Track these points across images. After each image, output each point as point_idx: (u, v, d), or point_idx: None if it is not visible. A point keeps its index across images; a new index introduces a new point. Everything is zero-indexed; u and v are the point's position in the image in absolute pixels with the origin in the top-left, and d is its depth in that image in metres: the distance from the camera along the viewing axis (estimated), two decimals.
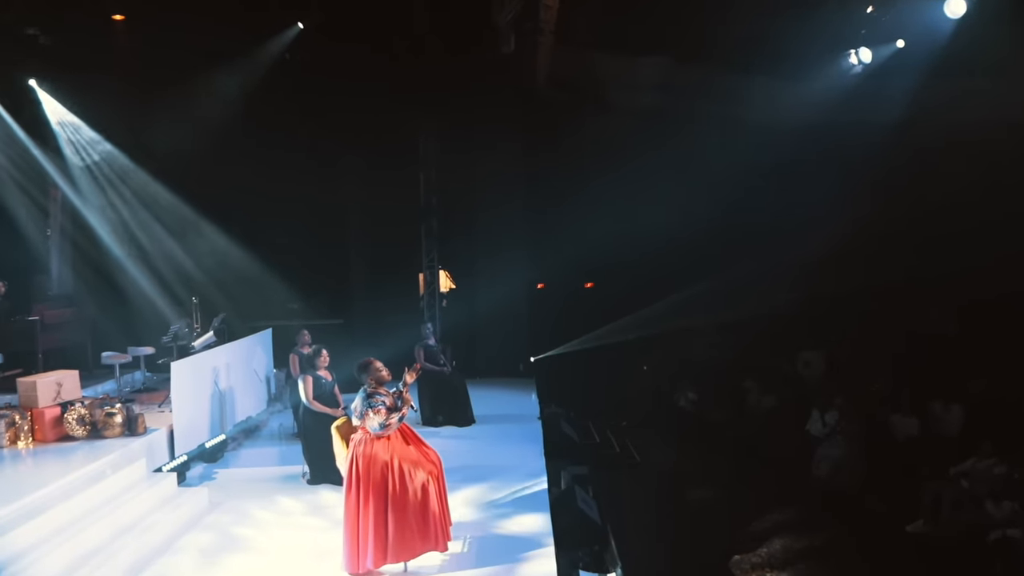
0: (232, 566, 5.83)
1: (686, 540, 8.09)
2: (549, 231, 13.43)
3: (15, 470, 6.98)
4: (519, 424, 9.98)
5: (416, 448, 5.67)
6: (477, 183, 13.30)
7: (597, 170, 12.70)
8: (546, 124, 12.99)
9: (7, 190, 11.50)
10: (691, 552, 7.85)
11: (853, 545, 8.03)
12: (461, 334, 13.11)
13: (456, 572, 5.60)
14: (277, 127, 11.77)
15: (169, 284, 11.97)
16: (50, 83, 11.57)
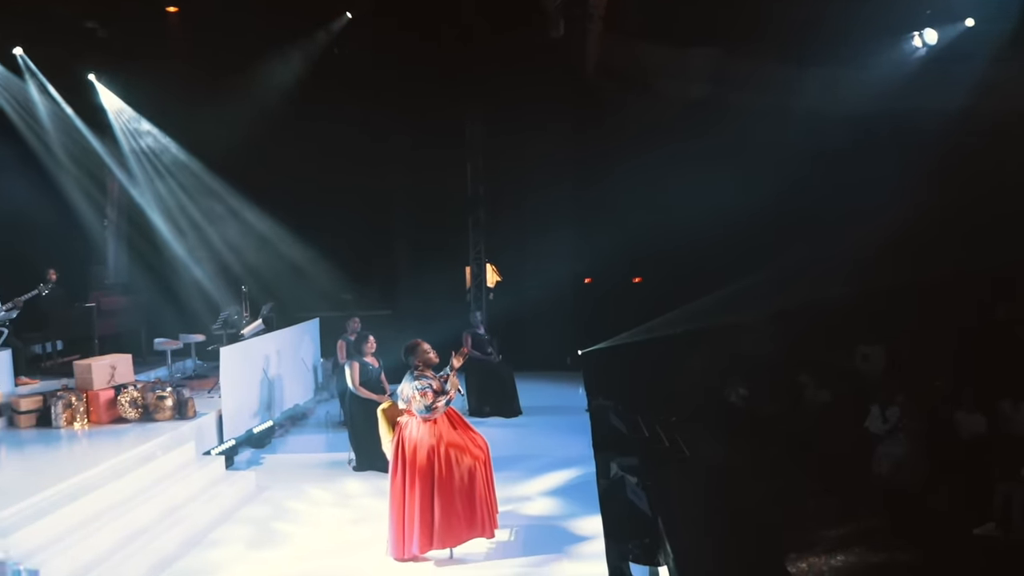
0: (278, 549, 5.80)
1: (738, 536, 7.87)
2: (597, 221, 13.24)
3: (70, 450, 7.10)
4: (566, 416, 9.82)
5: (463, 433, 5.55)
6: (524, 173, 13.15)
7: (647, 158, 12.44)
8: (595, 111, 12.80)
9: (68, 181, 11.79)
10: (743, 548, 7.63)
11: (915, 545, 7.72)
12: (507, 327, 13.01)
13: (503, 560, 5.47)
14: (326, 118, 11.83)
15: (220, 272, 12.12)
16: (108, 76, 11.83)
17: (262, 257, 12.22)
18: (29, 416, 7.87)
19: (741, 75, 12.05)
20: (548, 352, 12.92)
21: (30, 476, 6.26)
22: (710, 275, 12.47)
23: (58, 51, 11.14)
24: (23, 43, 11.23)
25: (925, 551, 7.51)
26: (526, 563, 5.40)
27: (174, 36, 11.15)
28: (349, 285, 12.52)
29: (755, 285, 12.03)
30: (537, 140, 12.70)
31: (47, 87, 11.56)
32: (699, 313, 12.54)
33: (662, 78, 12.51)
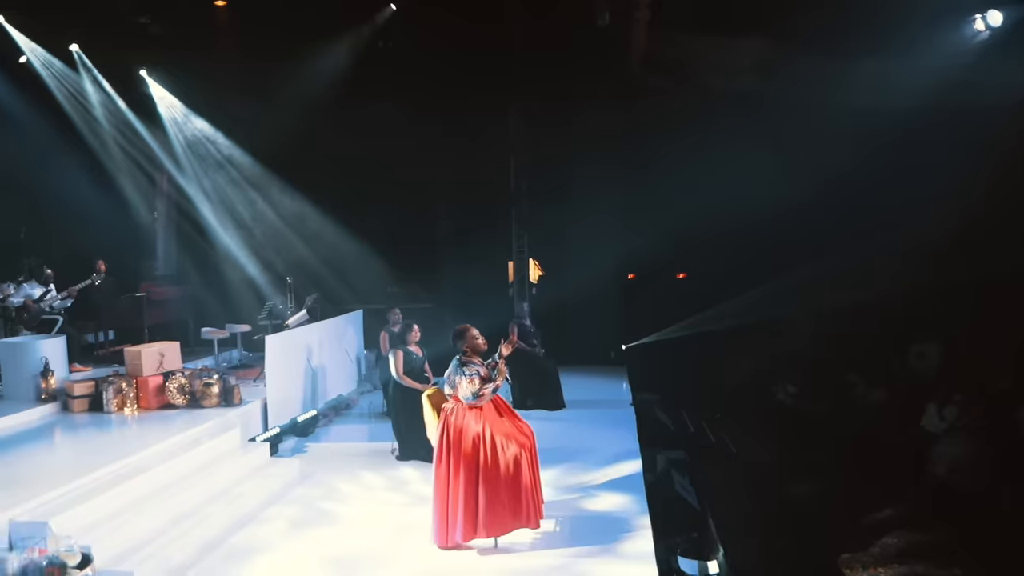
0: (321, 534, 5.79)
1: (787, 534, 7.65)
2: (641, 215, 13.03)
3: (121, 433, 7.21)
4: (610, 410, 9.69)
5: (509, 420, 5.47)
6: (567, 166, 13.03)
7: (693, 151, 12.22)
8: (640, 103, 12.60)
9: (120, 174, 12.06)
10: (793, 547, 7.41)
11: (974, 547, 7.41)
12: (550, 321, 12.91)
13: (548, 550, 5.37)
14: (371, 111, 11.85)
15: (267, 264, 12.25)
16: (158, 71, 12.05)
17: (308, 249, 12.32)
18: (82, 401, 8.04)
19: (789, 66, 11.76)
20: (591, 346, 12.78)
21: (83, 457, 6.39)
22: (757, 269, 12.18)
23: (111, 46, 11.38)
24: (79, 39, 11.51)
25: (983, 552, 7.20)
26: (572, 554, 5.29)
27: (222, 30, 11.28)
28: (393, 278, 12.55)
29: (803, 280, 11.72)
30: (581, 133, 12.55)
31: (101, 82, 11.84)
32: (745, 308, 12.26)
33: (709, 69, 12.28)
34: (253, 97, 11.17)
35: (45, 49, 11.46)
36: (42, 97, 11.73)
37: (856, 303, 11.52)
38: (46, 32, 11.19)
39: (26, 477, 5.78)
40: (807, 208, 11.52)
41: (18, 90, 11.53)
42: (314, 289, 11.07)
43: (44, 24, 11.01)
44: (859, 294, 11.44)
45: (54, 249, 11.01)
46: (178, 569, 5.18)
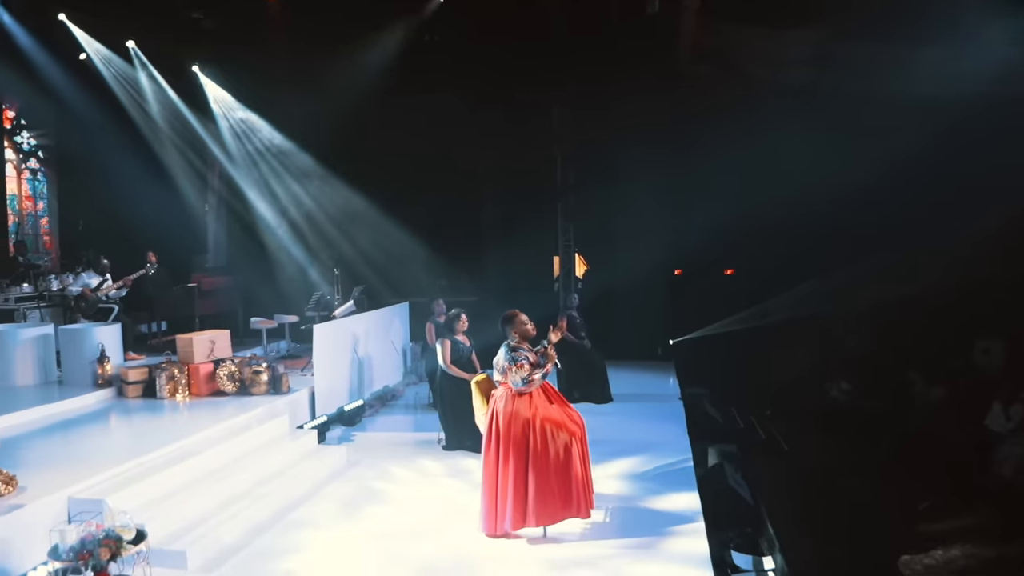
0: (369, 521, 5.77)
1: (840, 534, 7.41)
2: (689, 206, 12.81)
3: (173, 418, 7.31)
4: (658, 404, 9.55)
5: (559, 408, 5.37)
6: (613, 159, 12.87)
7: (742, 144, 11.97)
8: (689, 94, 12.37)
9: (175, 167, 12.30)
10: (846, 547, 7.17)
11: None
12: (596, 316, 12.75)
13: (599, 540, 5.26)
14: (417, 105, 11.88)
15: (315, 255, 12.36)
16: (211, 65, 12.25)
17: (356, 240, 12.40)
18: (136, 387, 8.20)
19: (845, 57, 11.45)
20: (637, 341, 12.62)
21: (137, 440, 6.51)
22: (807, 263, 11.88)
23: (165, 42, 11.61)
24: (135, 35, 11.76)
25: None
26: (623, 545, 5.17)
27: (272, 23, 11.40)
28: (440, 271, 12.56)
29: (858, 274, 11.38)
30: (628, 124, 12.38)
31: (156, 77, 12.08)
32: (795, 303, 11.96)
33: (760, 58, 12.01)
34: (302, 89, 11.28)
35: (104, 45, 11.73)
36: (101, 93, 12.04)
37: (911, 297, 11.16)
38: (105, 29, 11.47)
39: (84, 458, 5.89)
40: (862, 200, 11.21)
41: (79, 86, 11.85)
42: (361, 280, 11.12)
43: (103, 21, 11.28)
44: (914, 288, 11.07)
45: (111, 240, 11.27)
46: (228, 550, 5.20)
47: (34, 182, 13.44)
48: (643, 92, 12.08)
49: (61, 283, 10.36)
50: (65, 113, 12.76)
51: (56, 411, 7.52)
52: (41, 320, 9.88)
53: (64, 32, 11.23)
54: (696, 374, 11.20)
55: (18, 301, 10.00)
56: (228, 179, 12.79)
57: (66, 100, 12.21)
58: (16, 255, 11.44)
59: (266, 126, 12.48)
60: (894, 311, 11.52)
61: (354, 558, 5.07)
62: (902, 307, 11.37)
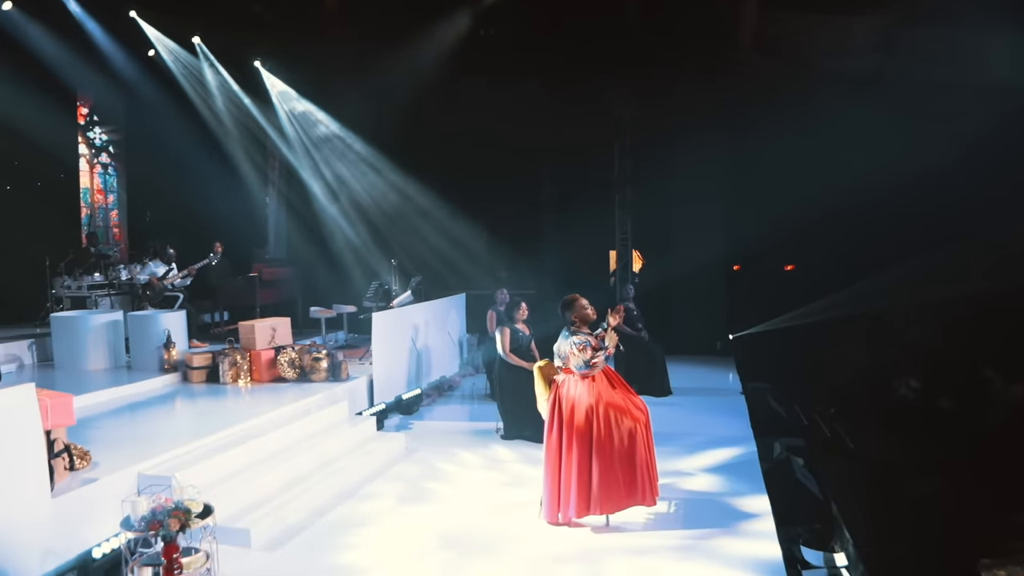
0: (429, 506, 5.74)
1: (910, 535, 7.11)
2: (748, 204, 12.50)
3: (235, 403, 7.42)
4: (719, 397, 9.34)
5: (623, 394, 5.25)
6: (672, 152, 12.63)
7: (804, 137, 11.62)
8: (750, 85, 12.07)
9: (238, 159, 12.55)
10: (920, 548, 6.87)
11: None
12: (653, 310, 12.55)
13: (664, 530, 5.13)
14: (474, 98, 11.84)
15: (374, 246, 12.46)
16: (272, 59, 12.45)
17: (416, 232, 12.46)
18: (200, 372, 8.37)
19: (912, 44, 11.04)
20: (695, 336, 12.39)
21: (202, 423, 6.60)
22: (869, 256, 11.48)
23: (228, 37, 11.84)
24: (200, 31, 12.03)
25: None
26: (689, 535, 5.02)
27: (331, 15, 11.52)
28: (499, 263, 12.53)
29: (921, 267, 10.93)
30: (686, 115, 12.17)
31: (220, 71, 12.33)
32: (857, 297, 11.57)
33: (823, 47, 11.66)
34: (361, 80, 11.35)
35: (172, 40, 12.03)
36: (169, 88, 12.36)
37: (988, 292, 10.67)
38: (172, 25, 11.76)
39: (152, 437, 6.02)
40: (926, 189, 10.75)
41: (148, 82, 12.18)
42: (420, 271, 11.16)
43: (171, 17, 11.56)
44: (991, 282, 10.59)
45: (176, 232, 11.54)
46: (291, 529, 5.24)
47: (105, 176, 13.88)
48: (702, 82, 11.84)
49: (129, 272, 10.65)
50: (134, 109, 13.16)
51: (125, 393, 7.72)
52: (111, 307, 10.17)
53: (134, 28, 11.53)
54: (757, 369, 10.93)
55: (90, 289, 10.32)
56: (288, 171, 12.98)
57: (136, 96, 12.60)
58: (88, 246, 11.83)
59: (326, 118, 12.63)
60: (959, 306, 11.05)
61: (415, 542, 5.04)
62: (967, 303, 10.90)
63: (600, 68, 12.04)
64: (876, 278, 11.38)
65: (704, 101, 12.06)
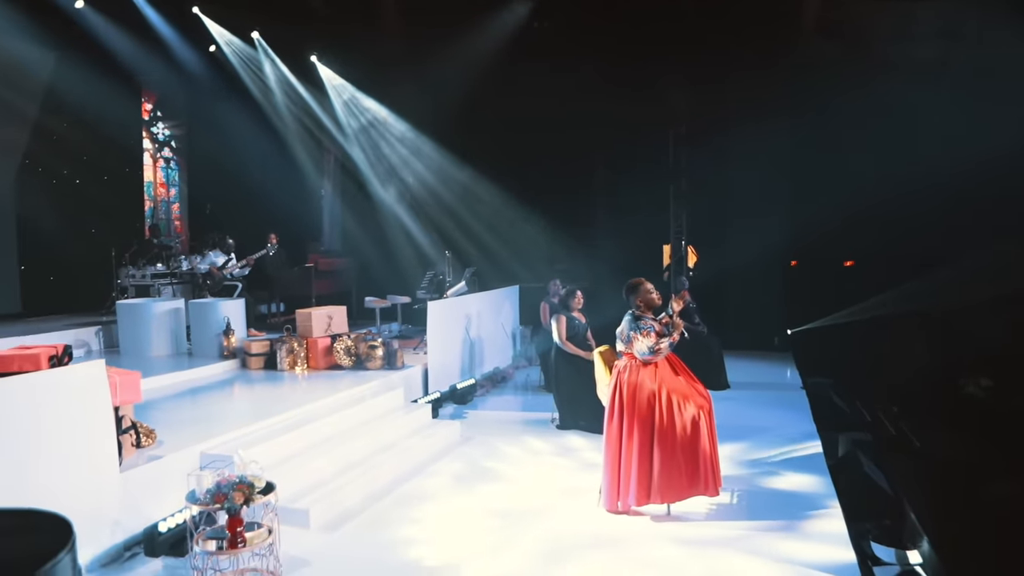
0: (485, 491, 5.70)
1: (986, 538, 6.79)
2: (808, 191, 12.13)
3: (293, 388, 7.50)
4: (778, 392, 9.11)
5: (686, 380, 5.11)
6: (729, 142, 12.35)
7: (866, 127, 11.25)
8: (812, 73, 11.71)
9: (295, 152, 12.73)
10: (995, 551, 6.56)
11: None
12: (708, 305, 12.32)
13: (727, 521, 4.98)
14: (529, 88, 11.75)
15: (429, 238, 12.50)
16: (329, 53, 12.59)
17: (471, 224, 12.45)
18: (258, 359, 8.50)
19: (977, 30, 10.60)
20: (752, 331, 12.11)
21: (260, 406, 6.69)
22: (936, 249, 11.05)
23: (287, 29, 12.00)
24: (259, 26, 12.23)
25: None
26: (755, 527, 4.86)
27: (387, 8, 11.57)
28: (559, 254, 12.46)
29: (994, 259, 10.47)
30: (744, 103, 11.87)
31: (279, 65, 12.52)
32: (923, 291, 11.15)
33: (889, 34, 11.27)
34: (417, 71, 11.39)
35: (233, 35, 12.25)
36: (229, 83, 12.60)
37: None
38: (233, 20, 11.98)
39: (212, 419, 6.13)
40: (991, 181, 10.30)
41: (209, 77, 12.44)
42: (473, 262, 11.15)
43: (232, 12, 11.77)
44: None
45: (235, 224, 11.75)
46: (349, 512, 5.24)
47: (167, 170, 14.22)
48: (759, 67, 11.54)
49: (190, 264, 10.89)
50: (196, 104, 13.46)
51: (186, 378, 7.88)
52: (173, 296, 10.40)
53: (197, 24, 11.77)
54: (817, 366, 10.61)
55: (153, 278, 10.58)
56: (344, 163, 13.12)
57: (197, 91, 12.88)
58: (151, 237, 12.13)
59: (382, 109, 12.72)
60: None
61: (472, 527, 4.99)
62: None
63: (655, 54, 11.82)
64: (939, 271, 10.97)
65: (761, 87, 11.74)
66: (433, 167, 12.79)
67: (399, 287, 11.61)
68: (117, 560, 4.46)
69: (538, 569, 4.34)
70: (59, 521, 2.17)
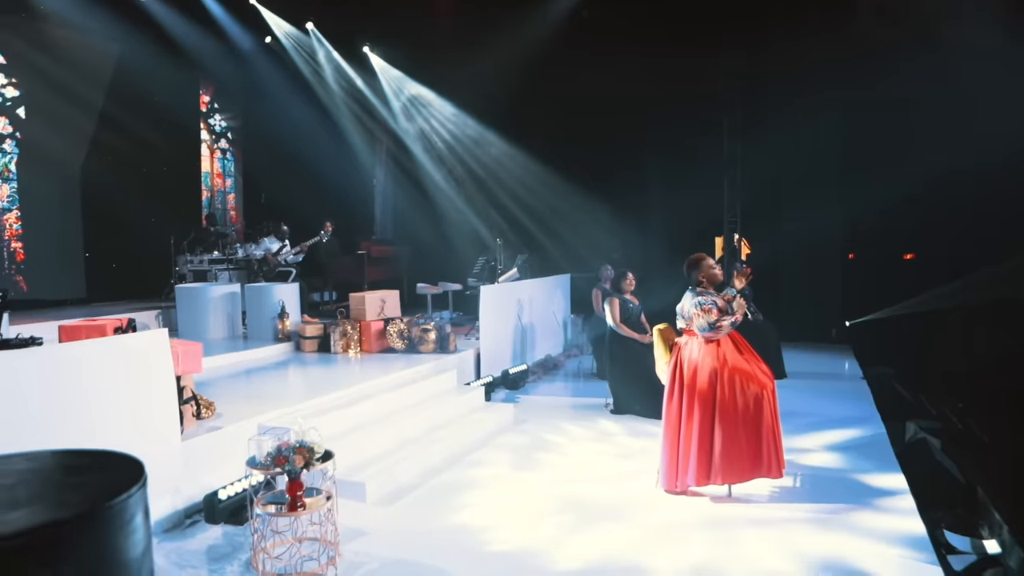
0: (540, 472, 5.62)
1: None
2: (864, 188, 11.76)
3: (347, 369, 7.54)
4: (838, 382, 8.84)
5: (749, 359, 4.96)
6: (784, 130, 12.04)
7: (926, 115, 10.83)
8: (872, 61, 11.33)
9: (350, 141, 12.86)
10: None
11: None
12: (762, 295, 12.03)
13: (792, 503, 4.82)
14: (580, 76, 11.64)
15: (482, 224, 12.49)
16: (381, 42, 12.67)
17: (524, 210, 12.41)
18: (312, 341, 8.58)
19: None
20: (806, 323, 11.79)
21: (315, 385, 6.74)
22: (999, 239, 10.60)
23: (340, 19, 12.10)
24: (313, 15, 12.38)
25: None
26: (823, 509, 4.69)
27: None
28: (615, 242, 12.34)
29: None
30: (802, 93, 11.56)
31: (333, 55, 12.66)
32: (988, 283, 10.69)
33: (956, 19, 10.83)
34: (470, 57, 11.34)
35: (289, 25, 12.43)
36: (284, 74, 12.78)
37: None
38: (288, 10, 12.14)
39: (268, 396, 6.18)
40: None
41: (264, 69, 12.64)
42: (526, 249, 11.10)
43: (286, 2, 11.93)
44: None
45: (289, 213, 11.92)
46: (405, 487, 5.23)
47: (223, 161, 14.50)
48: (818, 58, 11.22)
49: (246, 251, 11.08)
50: (252, 96, 13.69)
51: (242, 359, 8.00)
52: (229, 280, 10.59)
53: (254, 15, 11.95)
54: (877, 358, 10.28)
55: (210, 263, 10.78)
56: (397, 151, 13.19)
57: (253, 84, 13.09)
58: (208, 226, 12.39)
59: (434, 95, 12.76)
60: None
61: (528, 502, 4.93)
62: None
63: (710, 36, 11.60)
64: (1006, 261, 10.51)
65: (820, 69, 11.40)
66: (486, 153, 12.76)
67: (451, 275, 11.62)
68: (179, 526, 4.52)
69: (592, 539, 4.28)
70: (132, 461, 2.17)
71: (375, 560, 4.10)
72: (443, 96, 12.73)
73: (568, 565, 3.98)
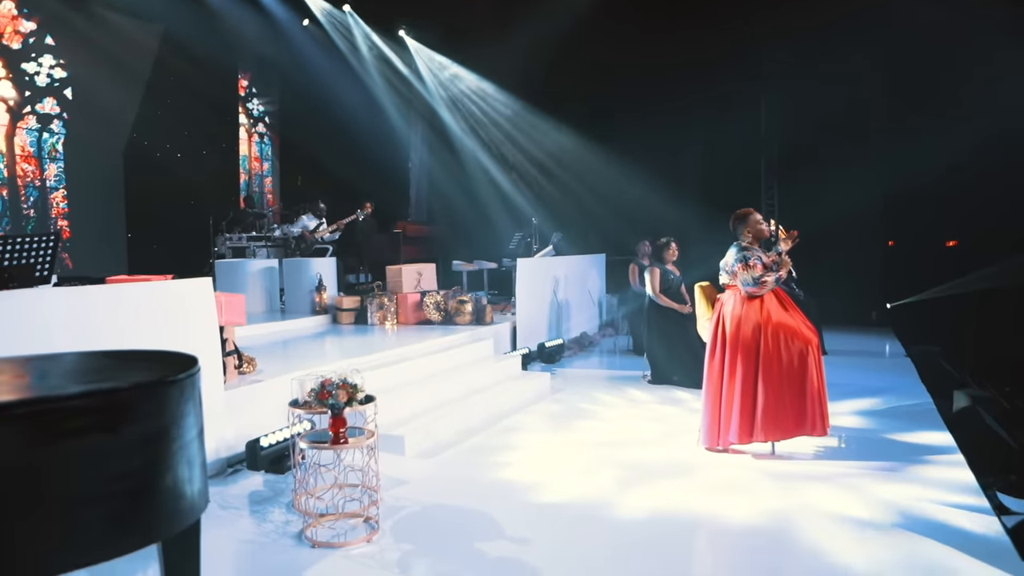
0: (578, 431, 5.60)
1: None
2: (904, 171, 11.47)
3: (383, 340, 7.56)
4: (881, 359, 8.66)
5: (794, 314, 4.86)
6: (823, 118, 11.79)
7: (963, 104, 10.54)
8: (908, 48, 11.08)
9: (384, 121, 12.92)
10: None
11: None
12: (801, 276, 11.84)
13: (837, 461, 4.72)
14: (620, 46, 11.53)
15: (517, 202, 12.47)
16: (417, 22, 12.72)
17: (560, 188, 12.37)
18: (349, 314, 8.63)
19: None
20: (847, 306, 11.57)
21: (351, 351, 6.78)
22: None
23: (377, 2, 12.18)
24: None
25: None
26: (874, 466, 4.58)
27: None
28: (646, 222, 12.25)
29: None
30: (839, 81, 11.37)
31: (370, 35, 12.73)
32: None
33: None
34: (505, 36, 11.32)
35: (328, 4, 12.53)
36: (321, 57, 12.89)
37: None
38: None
39: (306, 356, 6.22)
40: None
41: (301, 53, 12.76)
42: (562, 228, 11.07)
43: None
44: None
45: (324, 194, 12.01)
46: (443, 444, 5.24)
47: (261, 144, 14.67)
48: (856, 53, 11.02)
49: (283, 231, 11.19)
50: (288, 81, 13.82)
51: (280, 328, 8.08)
52: (268, 257, 10.70)
53: None
54: (920, 338, 10.05)
55: (249, 240, 10.91)
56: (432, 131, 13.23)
57: (290, 68, 13.22)
58: (246, 208, 12.54)
59: (470, 75, 12.77)
60: None
61: (574, 460, 4.89)
62: None
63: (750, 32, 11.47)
64: None
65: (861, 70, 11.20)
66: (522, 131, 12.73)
67: (487, 254, 11.63)
68: (221, 474, 4.57)
69: (651, 491, 4.24)
70: (185, 356, 2.22)
71: (416, 504, 4.11)
72: (478, 73, 12.73)
73: (634, 514, 3.91)
